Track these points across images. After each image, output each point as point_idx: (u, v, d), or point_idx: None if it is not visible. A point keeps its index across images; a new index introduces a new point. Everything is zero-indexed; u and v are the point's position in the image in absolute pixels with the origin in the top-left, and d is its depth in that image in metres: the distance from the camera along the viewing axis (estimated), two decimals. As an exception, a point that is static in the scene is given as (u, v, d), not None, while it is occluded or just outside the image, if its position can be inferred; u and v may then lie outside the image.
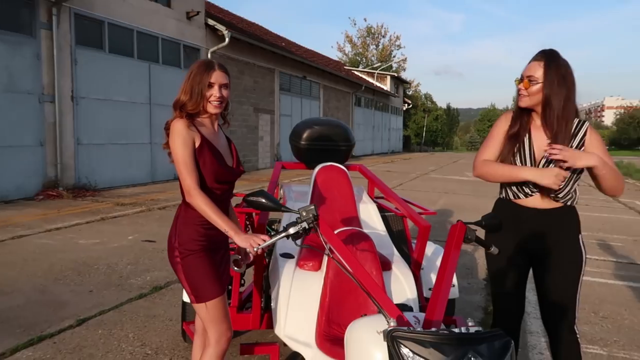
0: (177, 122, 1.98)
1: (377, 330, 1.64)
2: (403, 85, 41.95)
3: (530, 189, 2.18)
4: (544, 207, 2.17)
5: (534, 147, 2.17)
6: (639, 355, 3.27)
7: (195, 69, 2.06)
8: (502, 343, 1.33)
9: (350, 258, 1.75)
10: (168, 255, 2.13)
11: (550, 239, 2.17)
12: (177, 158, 1.97)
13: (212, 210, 1.91)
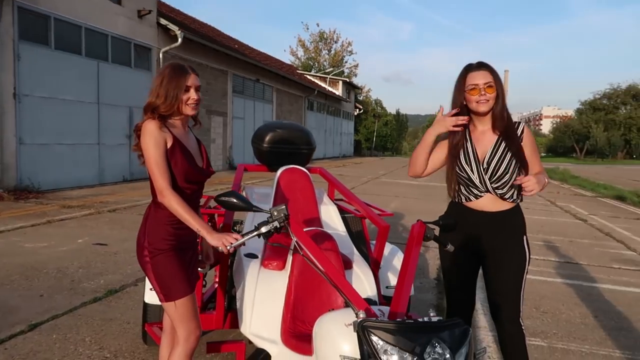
0: (149, 123, 2.00)
1: (345, 323, 1.74)
2: (355, 90, 42.59)
3: (479, 191, 2.35)
4: (492, 210, 2.34)
5: (477, 149, 2.34)
6: (575, 345, 3.54)
7: (169, 72, 2.08)
8: (462, 330, 1.46)
9: (320, 255, 1.84)
10: (137, 254, 2.13)
11: (496, 240, 2.34)
12: (149, 159, 1.99)
13: (185, 209, 1.94)
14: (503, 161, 2.28)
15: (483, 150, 2.33)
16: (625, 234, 8.39)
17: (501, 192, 2.31)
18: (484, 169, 2.31)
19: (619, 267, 6.03)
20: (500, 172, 2.28)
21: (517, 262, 2.34)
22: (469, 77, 2.32)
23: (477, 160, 2.33)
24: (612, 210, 11.54)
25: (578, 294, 4.83)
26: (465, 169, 2.36)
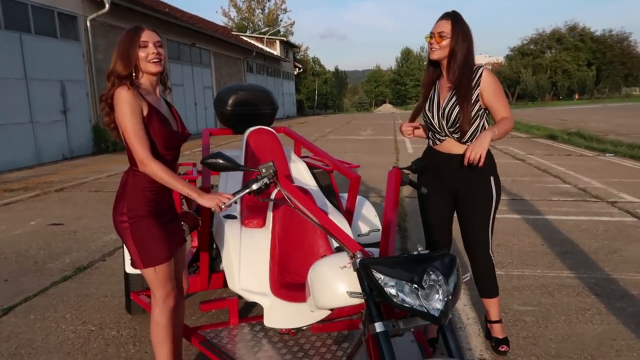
0: (123, 91, 1.95)
1: (340, 265, 1.87)
2: (293, 49, 42.00)
3: (440, 136, 2.51)
4: (455, 152, 2.52)
5: (440, 96, 2.51)
6: (528, 271, 3.90)
7: (122, 36, 2.05)
8: (450, 259, 1.62)
9: (311, 206, 1.95)
10: (114, 221, 2.11)
11: (464, 180, 2.52)
12: (127, 128, 1.96)
13: (170, 175, 1.96)
14: (455, 108, 2.43)
15: (443, 97, 2.49)
16: (560, 169, 9.04)
17: (457, 137, 2.48)
18: (441, 114, 2.47)
19: (557, 199, 6.55)
20: (453, 119, 2.43)
21: (484, 200, 2.54)
22: (435, 25, 2.46)
23: (438, 107, 2.49)
24: (546, 149, 12.31)
25: (525, 226, 5.25)
26: (428, 115, 2.53)
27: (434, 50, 2.45)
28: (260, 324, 2.57)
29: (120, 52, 1.99)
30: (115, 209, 2.12)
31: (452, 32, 2.40)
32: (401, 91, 73.94)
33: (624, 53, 63.24)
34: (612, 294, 3.45)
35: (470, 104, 2.42)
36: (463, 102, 2.38)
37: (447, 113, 2.44)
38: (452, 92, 2.46)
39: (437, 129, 2.51)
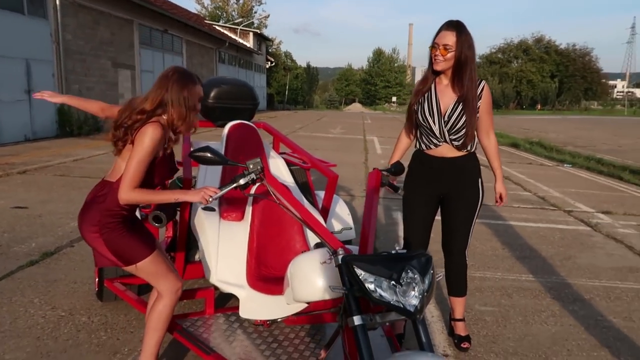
0: (158, 129, 2.01)
1: (320, 261, 1.95)
2: (266, 42, 41.74)
3: (437, 141, 2.63)
4: (449, 156, 2.65)
5: (440, 102, 2.60)
6: (490, 273, 4.10)
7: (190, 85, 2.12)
8: (426, 259, 1.73)
9: (295, 202, 2.02)
10: (83, 229, 2.12)
11: (454, 181, 2.67)
12: (137, 159, 1.98)
13: (151, 194, 2.03)
14: (461, 118, 2.55)
15: (445, 104, 2.58)
16: (521, 177, 9.41)
17: (457, 144, 2.61)
18: (444, 122, 2.58)
19: (518, 206, 6.84)
20: (458, 127, 2.56)
21: (471, 200, 2.69)
22: (437, 35, 2.53)
23: (439, 113, 2.59)
24: (509, 157, 12.74)
25: (488, 230, 5.47)
26: (427, 119, 2.61)
27: (439, 61, 2.52)
28: (235, 314, 2.63)
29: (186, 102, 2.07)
30: (86, 217, 2.11)
31: (457, 44, 2.47)
32: (371, 91, 74.49)
33: (585, 67, 65.84)
34: (566, 297, 3.67)
35: (476, 116, 2.56)
36: (471, 113, 2.52)
37: (452, 122, 2.55)
38: (458, 102, 2.55)
39: (437, 135, 2.62)
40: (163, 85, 2.07)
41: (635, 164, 11.21)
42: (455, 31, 2.49)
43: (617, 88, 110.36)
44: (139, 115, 2.04)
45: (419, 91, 2.68)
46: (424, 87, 2.67)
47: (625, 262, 4.55)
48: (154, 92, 2.08)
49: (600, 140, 18.91)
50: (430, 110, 2.61)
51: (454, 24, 2.51)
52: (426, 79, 2.67)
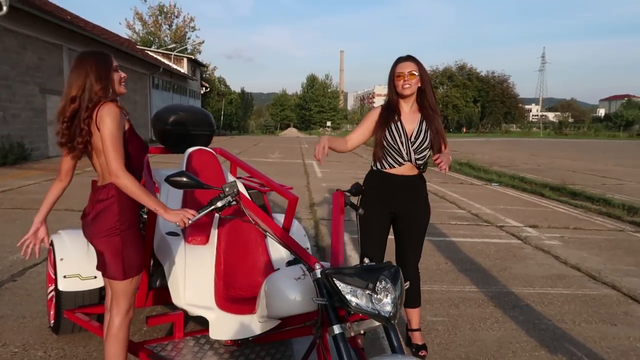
0: (113, 107, 2.05)
1: (294, 277, 2.08)
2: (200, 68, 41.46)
3: (403, 160, 2.84)
4: (410, 175, 2.87)
5: (405, 126, 2.83)
6: (437, 286, 4.35)
7: (94, 59, 2.12)
8: (395, 269, 1.89)
9: (271, 223, 2.14)
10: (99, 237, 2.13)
11: (409, 199, 2.89)
12: (110, 141, 2.02)
13: (141, 190, 2.05)
14: (426, 138, 2.81)
15: (410, 127, 2.83)
16: (455, 196, 9.97)
17: (420, 163, 2.85)
18: (411, 143, 2.81)
19: (455, 223, 7.26)
20: (424, 147, 2.82)
21: (423, 216, 2.93)
22: (397, 67, 2.82)
23: (405, 135, 2.82)
24: (442, 177, 13.41)
25: (430, 246, 5.78)
26: (396, 141, 2.83)
27: (407, 87, 2.79)
28: (205, 337, 2.67)
29: (98, 74, 2.07)
30: (100, 225, 2.12)
31: (419, 71, 2.79)
32: (306, 116, 75.64)
33: (504, 93, 70.67)
34: (506, 304, 3.98)
35: (438, 133, 2.82)
36: (437, 132, 2.79)
37: (419, 142, 2.80)
38: (421, 122, 2.83)
39: (404, 156, 2.83)
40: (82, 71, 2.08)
41: (554, 182, 12.18)
42: (414, 61, 2.81)
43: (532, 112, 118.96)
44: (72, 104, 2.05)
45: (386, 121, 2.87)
46: (389, 115, 2.88)
47: (554, 270, 4.99)
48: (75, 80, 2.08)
49: (521, 160, 20.33)
50: (398, 133, 2.83)
51: (410, 56, 2.83)
52: (389, 107, 2.89)
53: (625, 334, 3.47)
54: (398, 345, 1.91)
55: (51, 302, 3.16)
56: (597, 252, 5.76)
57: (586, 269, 5.03)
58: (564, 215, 8.17)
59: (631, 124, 73.71)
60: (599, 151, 28.10)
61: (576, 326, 3.60)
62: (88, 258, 2.92)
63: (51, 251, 3.11)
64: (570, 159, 21.27)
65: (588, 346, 3.27)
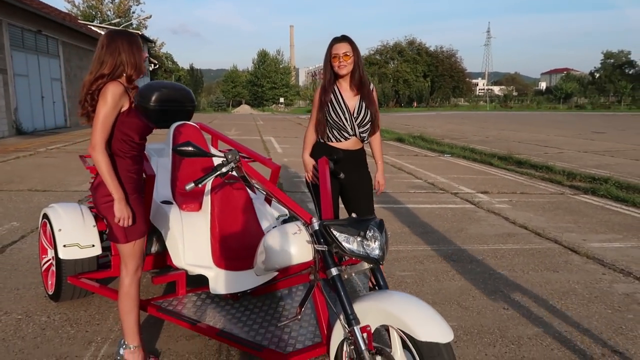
0: (115, 85, 2.23)
1: (292, 232, 2.37)
2: (147, 44, 40.10)
3: (348, 135, 3.12)
4: (351, 149, 3.14)
5: (347, 103, 3.07)
6: (402, 247, 4.76)
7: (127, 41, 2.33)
8: (380, 221, 2.22)
9: (268, 184, 2.40)
10: (98, 204, 2.35)
11: (354, 170, 3.16)
12: (101, 116, 2.22)
13: (109, 171, 2.25)
14: (367, 113, 3.08)
15: (352, 104, 3.07)
16: (411, 167, 10.48)
17: (363, 136, 3.13)
18: (354, 118, 3.08)
19: (413, 191, 7.73)
20: (366, 121, 3.08)
21: (368, 183, 3.21)
22: (333, 48, 3.02)
23: (348, 111, 3.08)
24: (397, 150, 13.96)
25: (392, 213, 6.20)
26: (340, 117, 3.07)
27: (343, 67, 3.00)
28: (206, 292, 2.93)
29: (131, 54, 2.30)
30: (99, 192, 2.34)
31: (352, 51, 3.01)
32: (258, 93, 74.85)
33: (452, 68, 72.39)
34: (465, 259, 4.44)
35: (375, 108, 3.08)
36: (372, 106, 3.04)
37: (360, 117, 3.06)
38: (361, 100, 3.06)
39: (348, 130, 3.09)
40: (114, 49, 2.29)
41: (501, 152, 12.95)
42: (348, 42, 3.02)
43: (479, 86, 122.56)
44: (100, 80, 2.27)
45: (324, 101, 3.09)
46: (327, 96, 3.10)
47: (505, 230, 5.52)
48: (109, 57, 2.28)
49: (470, 133, 21.24)
50: (341, 110, 3.07)
51: (345, 37, 3.03)
52: (326, 88, 3.10)
53: (565, 279, 4.00)
54: (384, 284, 2.26)
55: (47, 272, 3.32)
56: (541, 213, 6.37)
57: (532, 227, 5.59)
58: (511, 182, 8.82)
59: (570, 97, 77.59)
60: (541, 123, 29.63)
61: (525, 274, 4.10)
62: (84, 228, 3.11)
63: (46, 224, 3.25)
64: (516, 131, 22.40)
65: (535, 290, 3.76)
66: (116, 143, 2.33)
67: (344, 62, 3.00)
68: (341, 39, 3.03)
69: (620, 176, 9.05)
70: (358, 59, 3.03)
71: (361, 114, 3.07)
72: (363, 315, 2.07)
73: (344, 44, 3.00)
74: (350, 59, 3.00)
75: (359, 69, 3.05)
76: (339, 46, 3.00)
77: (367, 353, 2.01)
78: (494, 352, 2.80)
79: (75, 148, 12.63)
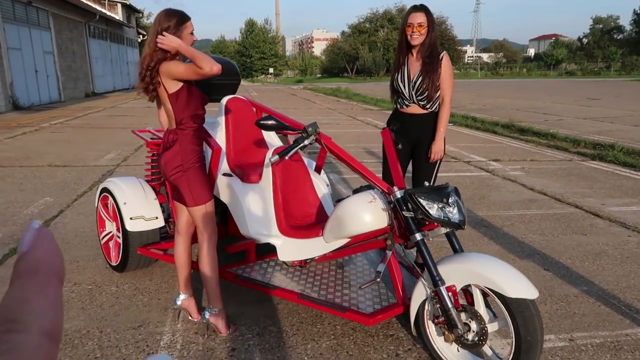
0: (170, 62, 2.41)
1: (367, 201, 2.49)
2: (135, 14, 39.15)
3: (408, 102, 3.24)
4: (418, 113, 3.27)
5: (410, 71, 3.21)
6: (433, 214, 4.92)
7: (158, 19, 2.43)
8: (455, 187, 2.35)
9: (347, 156, 2.51)
10: (169, 175, 2.52)
11: (422, 134, 3.30)
12: (185, 67, 2.40)
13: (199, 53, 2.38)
14: (424, 82, 3.18)
15: (414, 72, 3.19)
16: (418, 137, 10.59)
17: (422, 103, 3.24)
18: (412, 86, 3.19)
19: (427, 160, 7.87)
20: (423, 89, 3.19)
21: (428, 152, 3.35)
22: (409, 16, 3.13)
23: (409, 80, 3.20)
24: (399, 120, 14.03)
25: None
26: (400, 85, 3.22)
27: (415, 37, 3.12)
28: (274, 260, 3.07)
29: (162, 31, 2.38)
30: (168, 165, 2.51)
31: (427, 22, 3.11)
32: (247, 63, 73.73)
33: (442, 35, 71.66)
34: (495, 225, 4.62)
35: (437, 77, 3.18)
36: (433, 75, 3.13)
37: (417, 85, 3.16)
38: (422, 69, 3.17)
39: (407, 97, 3.22)
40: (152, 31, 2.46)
41: (503, 120, 13.11)
42: (424, 12, 3.12)
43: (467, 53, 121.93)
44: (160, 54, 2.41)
45: (397, 66, 3.27)
46: (400, 62, 3.26)
47: (525, 196, 5.71)
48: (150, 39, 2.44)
49: (467, 101, 21.32)
50: (402, 77, 3.24)
51: (423, 7, 3.14)
52: (400, 55, 3.27)
53: (595, 241, 4.21)
54: (459, 247, 2.41)
55: (107, 245, 3.43)
56: (555, 179, 6.56)
57: (551, 193, 5.79)
58: (518, 150, 9.00)
59: (560, 63, 77.67)
60: (535, 90, 29.77)
61: (555, 237, 4.29)
62: (147, 201, 3.21)
63: (106, 198, 3.34)
64: (512, 98, 22.54)
65: (569, 252, 3.96)
66: (178, 115, 2.48)
67: (417, 33, 3.10)
68: (419, 8, 3.12)
69: (623, 142, 9.27)
70: (432, 30, 3.12)
71: (418, 82, 3.18)
72: (447, 276, 2.22)
73: (421, 13, 3.09)
74: (424, 29, 3.09)
75: (430, 39, 3.14)
76: (415, 15, 3.10)
77: (454, 310, 2.17)
78: (547, 309, 3.00)
79: (79, 122, 12.55)
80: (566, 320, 2.88)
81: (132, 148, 8.57)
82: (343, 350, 2.54)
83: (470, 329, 2.20)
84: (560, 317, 2.91)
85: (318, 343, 2.60)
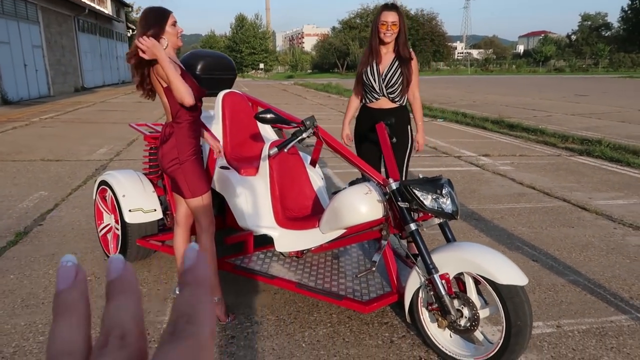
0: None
1: (363, 193, 2.57)
2: (124, 8, 38.82)
3: (377, 95, 3.34)
4: (386, 107, 3.38)
5: (380, 66, 3.31)
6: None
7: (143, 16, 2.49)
8: (448, 179, 2.44)
9: (344, 149, 2.58)
10: (166, 167, 2.58)
11: None
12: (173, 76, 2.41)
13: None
14: (394, 75, 3.29)
15: (384, 67, 3.31)
16: (409, 132, 10.69)
17: (392, 97, 3.34)
18: (382, 79, 3.29)
19: (418, 155, 7.92)
20: (392, 82, 3.29)
21: (404, 143, 3.43)
22: (382, 14, 3.23)
23: (379, 74, 3.31)
24: (390, 115, 14.12)
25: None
26: (370, 79, 3.33)
27: (389, 35, 3.24)
28: (271, 251, 3.14)
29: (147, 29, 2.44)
30: (165, 158, 2.56)
31: (399, 21, 3.23)
32: (237, 58, 73.34)
33: (433, 31, 71.98)
34: (485, 218, 4.73)
35: (409, 72, 3.29)
36: (405, 69, 3.25)
37: (387, 78, 3.28)
38: (392, 63, 3.28)
39: (377, 90, 3.34)
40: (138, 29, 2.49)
41: (492, 116, 13.25)
42: (396, 11, 3.25)
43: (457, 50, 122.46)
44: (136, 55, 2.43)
45: (365, 61, 3.38)
46: (369, 57, 3.37)
47: (514, 190, 5.83)
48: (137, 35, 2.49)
49: (457, 97, 21.51)
50: (372, 72, 3.34)
51: (395, 5, 3.28)
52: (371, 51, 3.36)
53: (582, 233, 4.33)
54: (452, 237, 2.49)
55: (105, 237, 3.48)
56: (543, 174, 6.69)
57: (540, 188, 5.91)
58: (508, 145, 9.13)
59: (548, 59, 78.32)
60: (523, 86, 30.05)
61: (544, 230, 4.41)
62: (145, 194, 3.27)
63: (105, 190, 3.38)
64: (501, 95, 22.76)
65: (557, 244, 4.07)
66: (174, 108, 2.52)
67: (390, 31, 3.20)
68: (391, 7, 3.25)
69: (610, 137, 9.44)
70: (403, 28, 3.26)
71: (388, 77, 3.30)
72: (441, 264, 2.31)
73: (393, 13, 3.22)
74: (397, 27, 3.20)
75: (403, 36, 3.28)
76: (388, 14, 3.21)
77: (447, 297, 2.26)
78: (535, 298, 3.10)
79: (70, 117, 12.49)
80: (554, 308, 2.99)
81: (125, 143, 8.57)
82: (339, 337, 2.62)
83: (463, 315, 2.29)
84: (548, 305, 3.01)
85: (315, 331, 2.68)
